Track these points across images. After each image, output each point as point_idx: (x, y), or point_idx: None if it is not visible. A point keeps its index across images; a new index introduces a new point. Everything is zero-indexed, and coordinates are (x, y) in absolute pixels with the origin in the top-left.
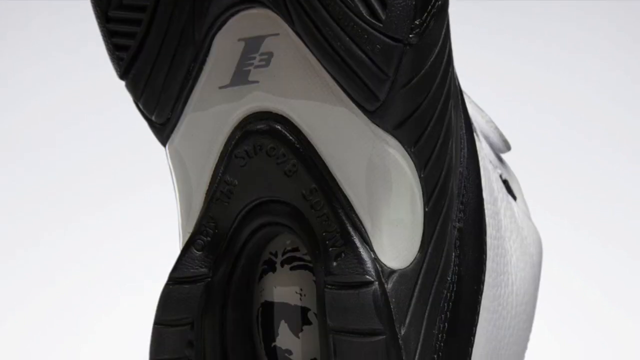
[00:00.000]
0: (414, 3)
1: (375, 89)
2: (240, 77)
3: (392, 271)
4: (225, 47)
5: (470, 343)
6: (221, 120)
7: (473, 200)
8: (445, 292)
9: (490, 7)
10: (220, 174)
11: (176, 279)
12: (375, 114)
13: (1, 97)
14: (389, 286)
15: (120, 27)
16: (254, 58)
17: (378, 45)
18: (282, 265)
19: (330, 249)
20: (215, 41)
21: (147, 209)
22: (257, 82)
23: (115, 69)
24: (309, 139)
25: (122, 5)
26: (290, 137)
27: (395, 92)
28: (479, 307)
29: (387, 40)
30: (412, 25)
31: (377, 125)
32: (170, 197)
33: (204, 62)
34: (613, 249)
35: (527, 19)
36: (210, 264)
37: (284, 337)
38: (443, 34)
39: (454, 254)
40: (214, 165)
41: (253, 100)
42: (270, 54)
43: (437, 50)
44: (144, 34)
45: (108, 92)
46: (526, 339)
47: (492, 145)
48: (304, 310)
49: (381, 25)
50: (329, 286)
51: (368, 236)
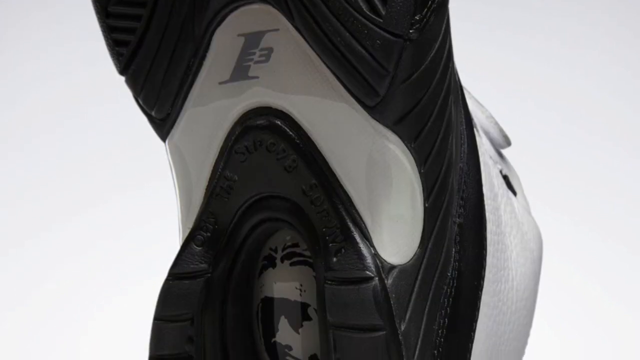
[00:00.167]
0: None
1: (375, 85)
2: (240, 72)
3: (392, 267)
4: (225, 43)
5: (470, 339)
6: (221, 116)
7: (473, 195)
8: (446, 287)
9: (491, 3)
10: (220, 170)
11: (176, 275)
12: (375, 109)
13: (1, 92)
14: (389, 282)
15: (120, 22)
16: (254, 53)
17: (378, 41)
18: (282, 260)
19: (330, 244)
20: (215, 37)
21: (147, 205)
22: (257, 77)
23: (115, 64)
24: (309, 134)
25: (122, 0)
26: (290, 133)
27: (395, 88)
28: (479, 302)
29: (387, 35)
30: (412, 21)
31: (377, 120)
32: (170, 193)
33: (203, 57)
34: (613, 245)
35: (527, 14)
36: (210, 259)
37: (284, 332)
38: (443, 29)
39: (454, 249)
40: (214, 161)
41: (253, 96)
42: (270, 50)
43: (437, 46)
44: (143, 29)
45: (108, 87)
46: (526, 335)
47: (492, 141)
48: (304, 306)
49: (381, 20)
50: (329, 282)
51: (368, 232)
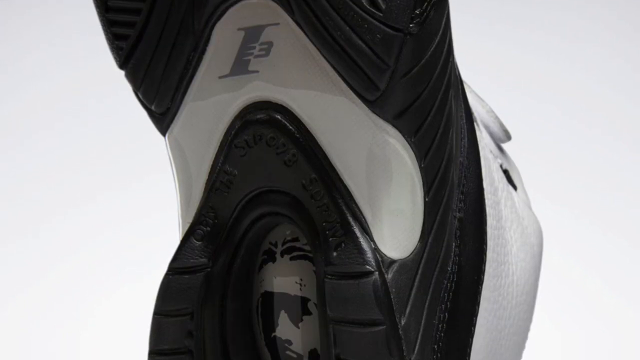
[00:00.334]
0: None
1: (376, 79)
2: (240, 66)
3: (392, 261)
4: (225, 37)
5: (470, 333)
6: (221, 110)
7: (473, 190)
8: (446, 282)
9: None
10: (220, 164)
11: (176, 269)
12: (375, 103)
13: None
14: (389, 276)
15: (119, 16)
16: (254, 48)
17: (378, 35)
18: (282, 255)
19: (330, 239)
20: (215, 31)
21: (147, 199)
22: (257, 71)
23: (115, 58)
24: (308, 128)
25: None
26: (290, 127)
27: (395, 82)
28: (480, 297)
29: (388, 29)
30: (413, 15)
31: (377, 115)
32: (170, 187)
33: (203, 51)
34: (614, 238)
35: (527, 8)
36: (209, 254)
37: (284, 327)
38: (443, 23)
39: (454, 244)
40: (214, 155)
41: (253, 90)
42: (270, 44)
43: (437, 40)
44: (143, 23)
45: (107, 81)
46: (527, 329)
47: (492, 135)
48: (304, 301)
49: (381, 14)
50: (329, 276)
51: (368, 226)
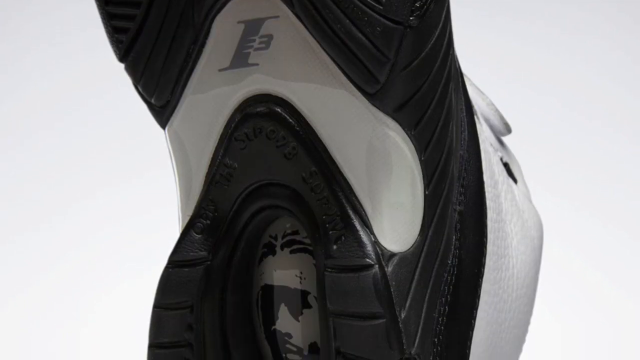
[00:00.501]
0: None
1: (376, 72)
2: (240, 59)
3: (393, 254)
4: (224, 30)
5: (470, 326)
6: (221, 103)
7: (474, 183)
8: (446, 275)
9: None
10: (219, 157)
11: (176, 262)
12: (375, 96)
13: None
14: (389, 269)
15: (119, 9)
16: (254, 40)
17: (378, 28)
18: (282, 248)
19: (330, 232)
20: (214, 24)
21: (147, 192)
22: (256, 64)
23: (115, 51)
24: (308, 121)
25: None
26: (290, 120)
27: (395, 75)
28: (480, 290)
29: (388, 22)
30: (413, 8)
31: (377, 108)
32: (170, 180)
33: (203, 44)
34: (614, 231)
35: (527, 1)
36: (209, 247)
37: (284, 320)
38: (443, 16)
39: (454, 237)
40: (214, 148)
41: (253, 83)
42: (270, 37)
43: (437, 33)
44: (143, 16)
45: (107, 74)
46: (527, 322)
47: (492, 128)
48: (304, 294)
49: (381, 7)
50: (329, 269)
51: (368, 219)
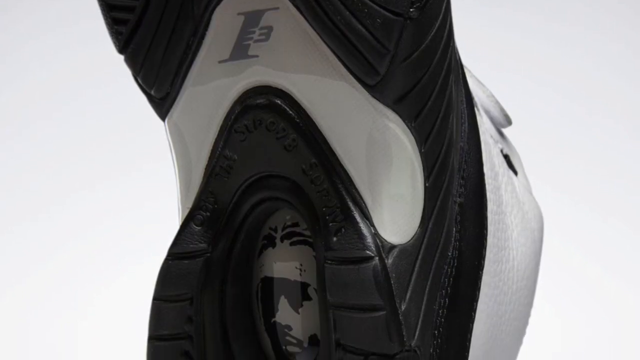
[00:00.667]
0: None
1: (376, 63)
2: (240, 51)
3: (393, 246)
4: (224, 21)
5: (471, 318)
6: (221, 95)
7: (474, 175)
8: (446, 267)
9: None
10: (219, 149)
11: (175, 255)
12: (375, 88)
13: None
14: (389, 261)
15: (119, 0)
16: (254, 32)
17: (378, 19)
18: (281, 240)
19: (331, 224)
20: (214, 15)
21: (146, 185)
22: (256, 56)
23: (114, 43)
24: (308, 113)
25: None
26: (290, 112)
27: (395, 67)
28: (480, 282)
29: (388, 14)
30: (413, 0)
31: (377, 99)
32: (170, 173)
33: (203, 36)
34: (614, 223)
35: None
36: (209, 239)
37: (284, 312)
38: (444, 7)
39: (454, 229)
40: (214, 140)
41: (253, 75)
42: (270, 28)
43: (437, 24)
44: (142, 8)
45: (107, 66)
46: (527, 315)
47: (493, 120)
48: (304, 286)
49: None
50: (329, 261)
51: (368, 211)
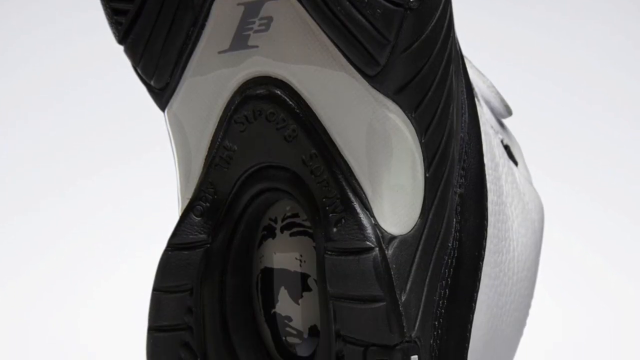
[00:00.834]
0: None
1: (376, 54)
2: (240, 41)
3: (393, 237)
4: (224, 12)
5: (471, 309)
6: (220, 85)
7: (474, 165)
8: (446, 258)
9: None
10: (219, 140)
11: (175, 245)
12: (375, 78)
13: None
14: (389, 252)
15: None
16: (254, 22)
17: (378, 10)
18: (281, 231)
19: (331, 214)
20: (214, 5)
21: (146, 175)
22: (256, 46)
23: (114, 33)
24: (308, 103)
25: None
26: (290, 102)
27: (395, 57)
28: (480, 273)
29: (388, 4)
30: None
31: (377, 90)
32: (169, 163)
33: (203, 26)
34: (614, 214)
35: None
36: (209, 230)
37: (284, 303)
38: None
39: (455, 219)
40: (213, 131)
41: (252, 65)
42: (269, 19)
43: (438, 15)
44: None
45: (106, 57)
46: (528, 305)
47: (493, 110)
48: (304, 277)
49: None
50: (329, 252)
51: (368, 202)
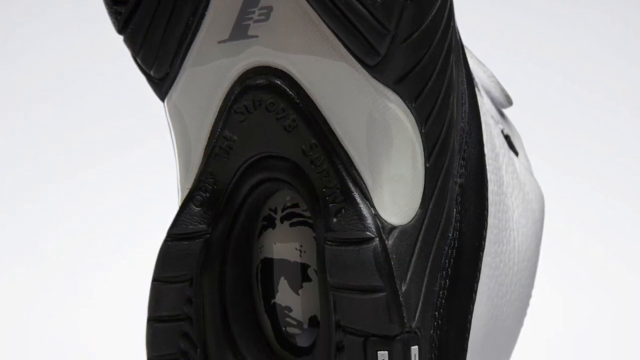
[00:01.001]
0: None
1: (376, 44)
2: (240, 31)
3: (393, 227)
4: (224, 1)
5: (471, 300)
6: (220, 75)
7: (474, 155)
8: (447, 248)
9: None
10: (219, 130)
11: (175, 236)
12: (375, 68)
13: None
14: (389, 242)
15: None
16: (254, 12)
17: (379, 0)
18: (281, 221)
19: (331, 205)
20: None
21: (145, 165)
22: (256, 36)
23: (114, 23)
24: (308, 93)
25: None
26: (290, 92)
27: (395, 47)
28: (481, 263)
29: None
30: None
31: (377, 80)
32: (169, 153)
33: (202, 16)
34: (615, 204)
35: None
36: (209, 220)
37: (284, 294)
38: None
39: (455, 210)
40: (213, 121)
41: (252, 55)
42: (269, 8)
43: (438, 5)
44: None
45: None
46: (528, 296)
47: (493, 100)
48: (304, 267)
49: None
50: (329, 242)
51: (368, 192)
